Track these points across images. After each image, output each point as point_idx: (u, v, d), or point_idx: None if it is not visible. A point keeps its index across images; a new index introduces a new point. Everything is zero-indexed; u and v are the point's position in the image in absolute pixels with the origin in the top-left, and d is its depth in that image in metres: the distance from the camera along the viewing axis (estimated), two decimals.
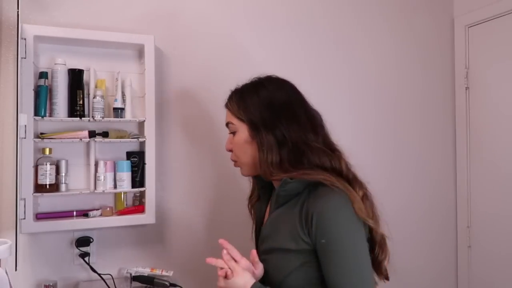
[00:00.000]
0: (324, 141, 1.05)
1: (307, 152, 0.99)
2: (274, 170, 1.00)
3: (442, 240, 2.15)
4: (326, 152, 1.01)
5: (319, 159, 0.99)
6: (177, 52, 1.67)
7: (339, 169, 1.01)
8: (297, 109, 1.05)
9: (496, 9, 1.96)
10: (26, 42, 1.34)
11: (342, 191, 0.96)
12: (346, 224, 0.95)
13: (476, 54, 2.08)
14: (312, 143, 1.01)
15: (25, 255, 1.45)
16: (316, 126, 1.05)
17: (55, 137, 1.41)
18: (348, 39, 1.97)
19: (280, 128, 1.00)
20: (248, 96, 1.06)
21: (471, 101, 2.11)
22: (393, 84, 2.06)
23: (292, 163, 0.99)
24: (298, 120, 1.02)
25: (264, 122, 1.01)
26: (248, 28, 1.80)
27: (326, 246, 0.93)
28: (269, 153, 1.00)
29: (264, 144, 1.00)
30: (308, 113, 1.06)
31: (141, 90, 1.56)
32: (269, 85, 1.08)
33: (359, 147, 1.98)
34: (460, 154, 2.15)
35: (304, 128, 1.02)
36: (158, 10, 1.65)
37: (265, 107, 1.03)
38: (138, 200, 1.57)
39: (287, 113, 1.02)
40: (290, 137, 1.00)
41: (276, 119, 1.01)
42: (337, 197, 0.95)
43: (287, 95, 1.06)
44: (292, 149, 1.00)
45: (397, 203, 2.05)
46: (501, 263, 1.96)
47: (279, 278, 1.00)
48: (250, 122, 1.03)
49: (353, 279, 0.93)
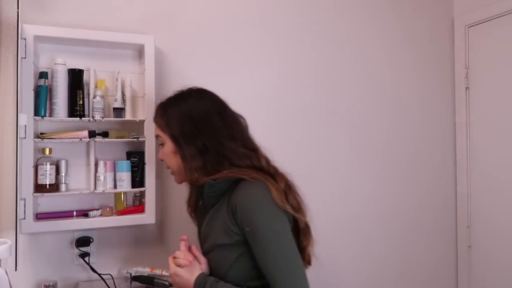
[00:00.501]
0: (244, 143, 1.14)
1: (228, 156, 1.09)
2: (198, 176, 1.09)
3: (442, 240, 2.15)
4: (246, 153, 1.11)
5: (240, 160, 1.09)
6: (177, 52, 1.67)
7: (259, 166, 1.10)
8: (215, 119, 1.13)
9: (496, 9, 1.96)
10: (26, 42, 1.34)
11: (260, 182, 1.04)
12: (265, 211, 1.03)
13: (476, 54, 2.08)
14: (232, 147, 1.10)
15: (25, 255, 1.45)
16: (234, 131, 1.14)
17: (55, 137, 1.41)
18: (348, 39, 1.97)
19: (200, 138, 1.10)
20: (169, 110, 1.15)
21: (471, 101, 2.11)
22: (393, 84, 2.06)
23: (214, 168, 1.09)
24: (216, 129, 1.12)
25: (185, 134, 1.11)
26: (248, 28, 1.80)
27: (251, 234, 1.02)
28: (192, 161, 1.10)
29: (186, 155, 1.11)
30: (226, 121, 1.15)
31: (141, 90, 1.56)
32: (189, 98, 1.17)
33: (358, 146, 1.99)
34: (460, 154, 2.15)
35: (222, 136, 1.11)
36: (158, 10, 1.65)
37: (184, 120, 1.12)
38: (138, 200, 1.57)
39: (205, 123, 1.12)
40: (210, 145, 1.10)
41: (196, 130, 1.11)
42: (255, 187, 1.04)
43: (206, 107, 1.15)
44: (214, 156, 1.09)
45: (397, 203, 2.05)
46: (501, 263, 1.96)
47: (221, 273, 1.07)
48: (171, 136, 1.13)
49: (279, 262, 1.00)
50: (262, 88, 1.81)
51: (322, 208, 1.91)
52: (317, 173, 1.90)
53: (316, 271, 1.92)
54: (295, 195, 1.13)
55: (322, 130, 1.91)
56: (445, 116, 2.17)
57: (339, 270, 1.93)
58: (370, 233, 1.99)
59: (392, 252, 2.04)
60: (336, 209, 1.93)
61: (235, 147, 1.11)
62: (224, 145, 1.10)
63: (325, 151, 1.92)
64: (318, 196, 1.90)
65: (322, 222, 1.90)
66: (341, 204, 1.94)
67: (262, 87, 1.81)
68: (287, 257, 1.01)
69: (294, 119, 1.86)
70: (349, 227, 1.95)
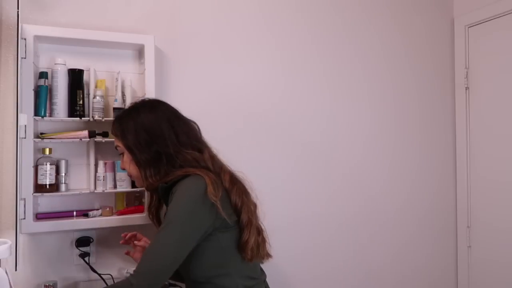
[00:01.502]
0: (193, 147, 1.23)
1: (179, 160, 1.19)
2: (153, 182, 1.20)
3: (442, 240, 2.15)
4: (194, 156, 1.21)
5: (189, 163, 1.19)
6: (177, 52, 1.67)
7: (206, 166, 1.21)
8: (165, 127, 1.22)
9: (496, 9, 1.96)
10: (26, 42, 1.34)
11: (200, 176, 1.14)
12: (186, 199, 1.12)
13: (476, 54, 2.08)
14: (181, 152, 1.20)
15: (25, 255, 1.45)
16: (183, 138, 1.23)
17: (55, 137, 1.41)
18: (347, 39, 1.97)
19: (153, 146, 1.19)
20: (124, 122, 1.24)
21: (471, 101, 2.11)
22: (392, 84, 2.06)
23: (167, 172, 1.19)
24: (165, 137, 1.21)
25: (139, 144, 1.20)
26: (249, 28, 1.80)
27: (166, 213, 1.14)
28: (147, 169, 1.20)
29: (141, 164, 1.21)
30: (177, 128, 1.23)
31: (141, 90, 1.56)
32: (142, 109, 1.25)
33: (358, 146, 1.99)
34: (460, 154, 2.15)
35: (173, 142, 1.20)
36: (158, 10, 1.65)
37: (138, 131, 1.21)
38: (138, 200, 1.57)
39: (156, 132, 1.21)
40: (162, 151, 1.19)
41: (148, 139, 1.20)
42: (192, 179, 1.15)
43: (157, 117, 1.23)
44: (167, 161, 1.19)
45: (397, 203, 2.05)
46: (501, 263, 1.96)
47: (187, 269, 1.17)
48: (127, 146, 1.22)
49: (154, 243, 1.10)
50: (262, 87, 1.81)
51: (322, 208, 1.91)
52: (317, 173, 1.90)
53: (316, 271, 1.94)
54: (239, 191, 1.21)
55: (321, 130, 1.91)
56: (445, 116, 2.17)
57: (339, 270, 1.93)
58: (370, 233, 1.99)
59: (392, 252, 2.04)
60: (336, 209, 1.93)
61: (185, 151, 1.20)
62: (174, 150, 1.20)
63: (325, 151, 1.92)
64: (318, 196, 1.90)
65: (323, 222, 1.91)
66: (341, 204, 1.94)
67: (262, 86, 1.81)
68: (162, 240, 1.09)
69: (294, 119, 1.86)
70: (349, 227, 1.95)
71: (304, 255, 1.87)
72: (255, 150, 1.79)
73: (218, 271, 1.18)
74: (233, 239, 1.19)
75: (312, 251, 1.88)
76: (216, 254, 1.17)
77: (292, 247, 1.84)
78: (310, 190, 1.89)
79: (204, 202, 1.11)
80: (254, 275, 1.26)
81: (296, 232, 1.85)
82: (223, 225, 1.16)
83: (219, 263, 1.18)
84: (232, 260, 1.19)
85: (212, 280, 1.17)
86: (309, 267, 1.88)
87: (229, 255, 1.19)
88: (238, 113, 1.77)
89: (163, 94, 1.63)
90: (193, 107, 1.69)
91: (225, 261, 1.18)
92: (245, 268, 1.22)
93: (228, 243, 1.18)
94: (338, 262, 1.93)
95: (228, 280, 1.18)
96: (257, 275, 1.27)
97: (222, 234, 1.17)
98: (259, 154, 1.79)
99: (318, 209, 1.90)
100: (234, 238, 1.19)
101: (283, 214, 1.82)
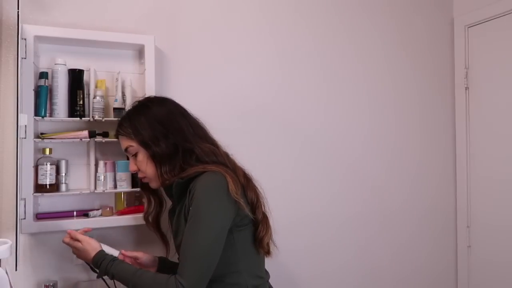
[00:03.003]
0: (208, 140, 1.23)
1: (197, 153, 1.17)
2: (168, 177, 1.17)
3: (442, 240, 2.15)
4: (211, 149, 1.20)
5: (206, 156, 1.18)
6: (177, 52, 1.67)
7: (222, 162, 1.19)
8: (180, 119, 1.21)
9: (496, 9, 1.96)
10: (26, 42, 1.34)
11: (220, 173, 1.12)
12: (211, 195, 1.10)
13: (476, 54, 2.08)
14: (199, 144, 1.19)
15: (25, 255, 1.45)
16: (198, 129, 1.23)
17: (55, 137, 1.41)
18: (347, 39, 1.97)
19: (170, 139, 1.17)
20: (135, 119, 1.21)
21: (471, 101, 2.11)
22: (392, 84, 2.06)
23: (182, 166, 1.17)
24: (183, 128, 1.20)
25: (155, 138, 1.17)
26: (248, 28, 1.80)
27: (191, 211, 1.10)
28: (163, 165, 1.17)
29: (158, 158, 1.17)
30: (191, 121, 1.23)
31: (141, 90, 1.56)
32: (151, 104, 1.24)
33: (358, 146, 1.99)
34: (460, 154, 2.15)
35: (190, 134, 1.20)
36: (158, 10, 1.66)
37: (152, 125, 1.18)
38: (138, 200, 1.57)
39: (172, 124, 1.19)
40: (180, 144, 1.17)
41: (164, 132, 1.18)
42: (212, 176, 1.12)
43: (169, 109, 1.23)
44: (184, 154, 1.17)
45: (397, 203, 2.06)
46: (501, 263, 1.96)
47: None
48: (142, 142, 1.19)
49: (192, 243, 1.08)
50: (262, 87, 1.81)
51: (322, 207, 1.91)
52: (317, 173, 1.90)
53: (316, 271, 1.94)
54: (253, 189, 1.21)
55: (321, 129, 1.91)
56: (445, 116, 2.17)
57: (339, 270, 1.93)
58: (369, 233, 1.99)
59: (391, 252, 2.04)
60: (335, 209, 1.93)
61: (202, 144, 1.19)
62: (192, 142, 1.18)
63: (325, 150, 1.92)
64: (318, 196, 1.90)
65: (323, 222, 1.91)
66: (341, 204, 1.94)
67: (263, 86, 1.81)
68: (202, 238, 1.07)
69: (294, 119, 1.86)
70: (348, 227, 1.95)
71: (304, 254, 1.87)
72: (255, 150, 1.78)
73: (229, 268, 1.17)
74: (247, 236, 1.19)
75: (312, 251, 1.88)
76: (229, 252, 1.16)
77: (292, 247, 1.84)
78: (310, 190, 1.89)
79: (228, 199, 1.11)
80: (262, 274, 1.26)
81: (296, 231, 1.85)
82: (239, 222, 1.16)
83: (231, 261, 1.17)
84: (244, 258, 1.19)
85: (222, 278, 1.16)
86: (309, 267, 1.88)
87: (241, 253, 1.18)
88: (238, 113, 1.77)
89: (163, 94, 1.62)
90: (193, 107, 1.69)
91: (237, 259, 1.17)
92: (254, 267, 1.22)
93: (241, 240, 1.17)
94: (338, 262, 1.93)
95: (238, 278, 1.18)
96: (263, 274, 1.27)
97: (236, 232, 1.16)
98: (259, 154, 1.79)
99: (318, 209, 1.90)
100: (247, 235, 1.19)
101: (283, 214, 1.82)
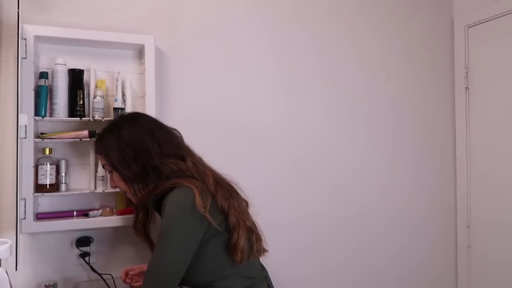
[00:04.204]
0: (176, 156, 1.24)
1: (165, 171, 1.19)
2: (143, 197, 1.21)
3: (442, 240, 2.15)
4: (178, 164, 1.21)
5: (175, 173, 1.20)
6: (177, 52, 1.67)
7: (190, 175, 1.21)
8: (148, 139, 1.22)
9: (496, 9, 1.96)
10: (26, 42, 1.34)
11: (188, 188, 1.14)
12: (176, 212, 1.13)
13: (476, 54, 2.08)
14: (166, 162, 1.20)
15: (25, 255, 1.45)
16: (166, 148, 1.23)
17: (55, 137, 1.41)
18: (347, 39, 1.97)
19: (139, 160, 1.20)
20: (106, 140, 1.24)
21: (471, 101, 2.11)
22: (392, 84, 2.06)
23: (155, 185, 1.20)
24: (149, 149, 1.21)
25: (124, 161, 1.20)
26: (248, 28, 1.80)
27: (161, 227, 1.14)
28: (135, 184, 1.21)
29: (128, 180, 1.22)
30: (160, 139, 1.24)
31: (141, 90, 1.56)
32: (123, 125, 1.25)
33: (358, 146, 1.99)
34: (460, 154, 2.15)
35: (156, 154, 1.20)
36: (158, 10, 1.66)
37: (121, 147, 1.21)
38: None
39: (140, 146, 1.21)
40: (148, 165, 1.20)
41: (132, 154, 1.20)
42: (180, 192, 1.15)
43: (138, 130, 1.23)
44: (153, 174, 1.20)
45: (397, 203, 2.05)
46: (501, 263, 1.96)
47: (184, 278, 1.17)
48: (111, 165, 1.23)
49: (156, 255, 1.13)
50: (263, 87, 1.81)
51: (322, 208, 1.91)
52: (317, 173, 1.90)
53: (315, 271, 1.94)
54: (224, 194, 1.21)
55: (321, 129, 1.91)
56: (445, 116, 2.17)
57: (338, 270, 1.93)
58: (369, 233, 1.99)
59: (391, 252, 2.04)
60: (335, 209, 1.93)
61: (169, 162, 1.21)
62: (160, 162, 1.20)
63: (325, 150, 1.92)
64: (317, 196, 1.90)
65: (322, 222, 1.91)
66: (341, 204, 1.94)
67: (263, 86, 1.81)
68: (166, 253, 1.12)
69: (294, 118, 1.86)
70: (348, 227, 1.95)
71: (303, 255, 1.87)
72: (254, 149, 1.79)
73: (216, 274, 1.19)
74: (226, 242, 1.20)
75: (311, 252, 1.88)
76: (213, 259, 1.18)
77: (292, 247, 1.84)
78: (309, 190, 1.89)
79: (194, 214, 1.12)
80: (253, 274, 1.26)
81: (295, 232, 1.85)
82: (216, 231, 1.17)
83: (217, 267, 1.19)
84: (229, 262, 1.20)
85: (211, 284, 1.18)
86: (308, 268, 1.88)
87: (225, 258, 1.19)
88: (237, 114, 1.77)
89: (163, 94, 1.64)
90: (193, 107, 1.70)
91: (222, 264, 1.19)
92: (242, 269, 1.22)
93: (223, 247, 1.19)
94: (338, 262, 1.93)
95: (226, 282, 1.19)
96: (255, 273, 1.28)
97: (216, 239, 1.18)
98: (258, 153, 1.79)
99: (317, 209, 1.90)
100: (227, 241, 1.20)
101: (283, 214, 1.82)
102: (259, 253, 1.27)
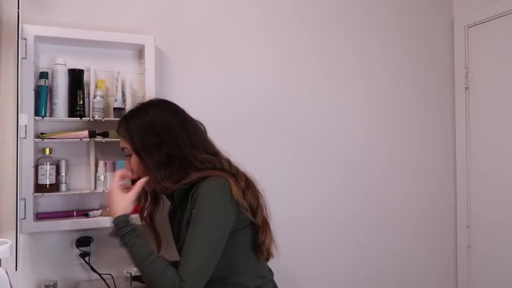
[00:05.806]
0: (206, 149, 1.22)
1: (193, 163, 1.16)
2: (167, 185, 1.16)
3: (442, 240, 2.15)
4: (208, 158, 1.18)
5: (203, 165, 1.17)
6: (177, 52, 1.67)
7: (221, 168, 1.18)
8: (176, 128, 1.19)
9: (496, 9, 1.96)
10: (26, 42, 1.34)
11: (223, 177, 1.14)
12: (213, 200, 1.11)
13: (476, 54, 2.09)
14: (194, 154, 1.17)
15: (25, 255, 1.45)
16: (195, 139, 1.21)
17: (55, 137, 1.41)
18: (347, 39, 1.97)
19: (164, 148, 1.16)
20: (132, 123, 1.19)
21: (471, 101, 2.11)
22: (392, 84, 2.06)
23: (181, 175, 1.16)
24: (178, 138, 1.17)
25: (148, 147, 1.16)
26: (248, 28, 1.80)
27: (193, 215, 1.11)
28: (157, 172, 1.15)
29: (151, 166, 1.16)
30: (188, 130, 1.21)
31: (141, 90, 1.56)
32: (151, 110, 1.21)
33: (358, 146, 1.99)
34: (460, 154, 2.15)
35: (185, 145, 1.17)
36: (158, 10, 1.66)
37: (146, 133, 1.17)
38: (138, 200, 1.57)
39: (167, 134, 1.17)
40: (174, 154, 1.16)
41: (158, 141, 1.16)
42: (215, 180, 1.13)
43: (167, 118, 1.20)
44: (179, 164, 1.16)
45: (397, 202, 2.06)
46: (501, 263, 1.96)
47: None
48: (135, 149, 1.18)
49: (193, 243, 1.08)
50: (263, 87, 1.81)
51: (322, 207, 1.91)
52: (317, 172, 1.90)
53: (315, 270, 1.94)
54: (254, 193, 1.20)
55: (321, 129, 1.91)
56: (444, 116, 2.17)
57: (338, 270, 1.93)
58: (369, 233, 1.99)
59: (391, 252, 2.04)
60: (335, 209, 1.93)
61: (198, 154, 1.18)
62: (187, 153, 1.16)
63: (325, 150, 1.92)
64: (317, 196, 1.90)
65: (322, 222, 1.91)
66: (340, 203, 1.94)
67: (262, 86, 1.81)
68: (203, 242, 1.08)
69: (294, 118, 1.87)
70: (348, 227, 1.95)
71: (303, 254, 1.87)
72: (254, 149, 1.79)
73: (230, 270, 1.18)
74: (247, 239, 1.20)
75: (311, 251, 1.88)
76: (231, 254, 1.16)
77: (292, 247, 1.83)
78: (309, 189, 1.89)
79: (231, 201, 1.12)
80: (264, 274, 1.27)
81: (296, 231, 1.85)
82: (239, 225, 1.17)
83: (232, 262, 1.18)
84: (245, 259, 1.20)
85: (224, 279, 1.18)
86: (308, 266, 1.88)
87: (243, 255, 1.19)
88: (238, 113, 1.77)
89: (163, 94, 1.63)
90: (193, 107, 1.69)
91: (238, 260, 1.19)
92: (256, 267, 1.23)
93: (242, 243, 1.19)
94: (338, 262, 1.93)
95: (240, 279, 1.19)
96: (266, 274, 1.28)
97: (237, 235, 1.17)
98: (258, 153, 1.79)
99: (317, 208, 1.90)
100: (248, 238, 1.20)
101: (282, 214, 1.82)
102: (268, 259, 1.27)
